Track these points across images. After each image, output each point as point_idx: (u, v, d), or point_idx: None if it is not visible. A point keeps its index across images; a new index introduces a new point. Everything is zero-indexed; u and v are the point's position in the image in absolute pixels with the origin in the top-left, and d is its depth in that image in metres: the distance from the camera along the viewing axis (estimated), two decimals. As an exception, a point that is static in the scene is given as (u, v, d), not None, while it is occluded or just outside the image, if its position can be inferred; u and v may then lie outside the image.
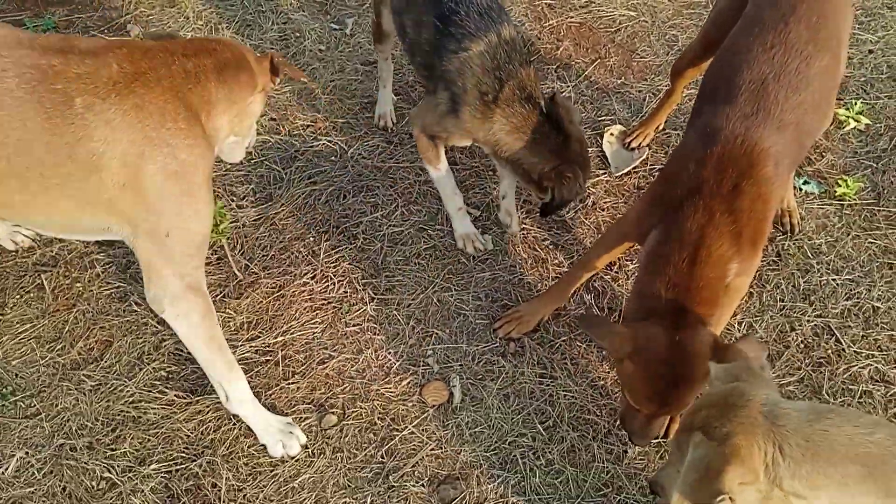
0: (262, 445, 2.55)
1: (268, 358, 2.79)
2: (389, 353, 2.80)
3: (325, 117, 3.57)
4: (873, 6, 4.19)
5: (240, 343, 2.81)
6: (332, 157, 3.43)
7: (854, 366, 2.73)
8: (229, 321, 2.88)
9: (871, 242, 3.11)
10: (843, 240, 3.11)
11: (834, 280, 2.97)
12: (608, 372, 2.75)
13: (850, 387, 2.68)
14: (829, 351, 2.78)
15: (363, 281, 3.00)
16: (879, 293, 2.93)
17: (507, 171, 2.82)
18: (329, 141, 3.49)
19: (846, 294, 2.94)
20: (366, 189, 3.31)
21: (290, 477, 2.53)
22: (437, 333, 2.86)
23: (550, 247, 3.12)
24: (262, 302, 2.93)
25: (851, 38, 3.97)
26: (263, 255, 3.07)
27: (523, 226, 3.16)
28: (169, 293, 2.25)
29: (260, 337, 2.85)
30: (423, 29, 2.72)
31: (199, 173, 2.22)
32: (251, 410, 2.50)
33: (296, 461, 2.55)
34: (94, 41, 2.28)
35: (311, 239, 3.12)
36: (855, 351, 2.78)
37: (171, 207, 2.20)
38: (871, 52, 3.96)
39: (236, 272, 3.00)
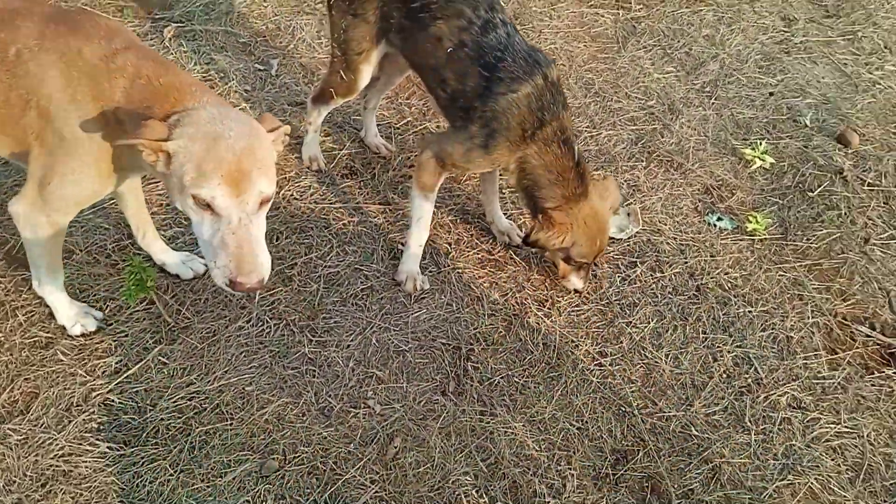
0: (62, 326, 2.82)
1: (204, 405, 2.72)
2: (330, 395, 2.78)
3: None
4: (771, 51, 4.48)
5: (174, 389, 2.73)
6: (264, 198, 3.39)
7: (772, 394, 2.88)
8: (162, 367, 2.80)
9: (782, 275, 3.29)
10: (756, 273, 3.29)
11: (750, 312, 3.13)
12: (545, 407, 2.80)
13: (771, 414, 2.82)
14: (749, 380, 2.93)
15: (300, 323, 2.97)
16: (791, 324, 3.11)
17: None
18: (259, 181, 3.45)
19: (762, 325, 3.09)
20: (299, 230, 3.29)
21: (233, 527, 2.47)
22: (377, 374, 2.85)
23: (485, 285, 3.17)
24: (196, 347, 2.86)
25: (753, 82, 4.24)
26: (196, 299, 3.00)
27: (459, 264, 3.21)
28: (31, 219, 2.46)
29: (195, 383, 2.77)
30: (468, 78, 2.78)
31: (89, 152, 2.28)
32: (57, 298, 2.77)
33: (238, 510, 2.49)
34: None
35: (246, 281, 3.07)
36: (773, 380, 2.92)
37: (59, 166, 2.31)
38: (771, 94, 4.22)
39: (167, 318, 2.92)
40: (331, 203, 3.42)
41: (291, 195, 3.42)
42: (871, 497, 2.61)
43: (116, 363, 2.80)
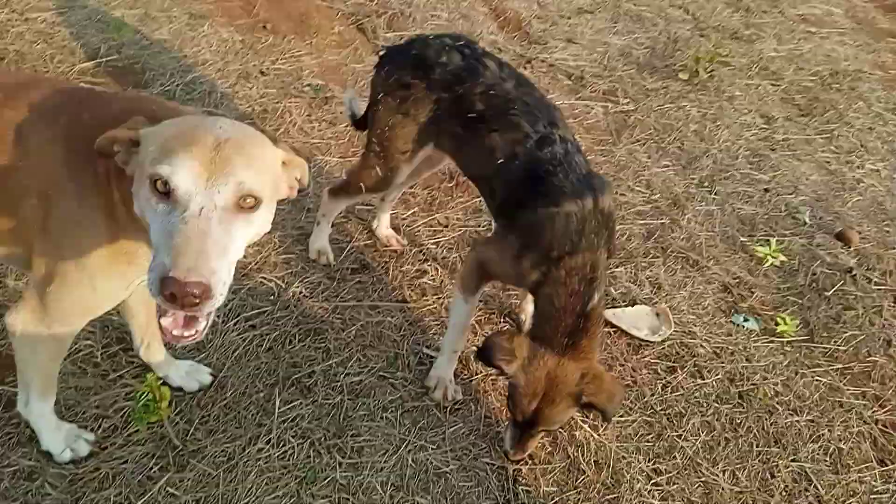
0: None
1: (224, 546, 2.24)
2: (369, 530, 2.34)
3: (255, 251, 3.12)
4: (757, 148, 4.40)
5: (189, 530, 2.24)
6: (270, 296, 2.98)
7: (838, 513, 2.61)
8: (172, 501, 2.30)
9: (818, 380, 3.08)
10: (794, 378, 3.07)
11: (797, 421, 2.89)
12: (608, 537, 2.44)
13: (840, 537, 2.55)
14: (811, 497, 2.65)
15: (326, 442, 2.54)
16: (839, 433, 2.88)
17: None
18: (264, 278, 3.04)
19: (811, 436, 2.85)
20: (314, 332, 2.88)
21: None
22: (419, 501, 2.43)
23: (522, 394, 2.81)
24: (210, 475, 2.39)
25: (747, 178, 4.12)
26: (205, 416, 2.54)
27: (492, 371, 2.85)
28: (29, 331, 1.99)
29: (212, 519, 2.29)
30: (516, 191, 2.47)
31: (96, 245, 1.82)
32: (45, 421, 2.28)
33: None
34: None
35: (260, 394, 2.63)
36: (832, 497, 2.66)
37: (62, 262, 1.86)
38: (766, 190, 4.11)
39: (174, 440, 2.43)
40: (344, 301, 3.03)
41: (301, 293, 3.01)
42: None
43: (116, 497, 2.29)
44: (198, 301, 1.46)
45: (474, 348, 2.90)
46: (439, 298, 3.10)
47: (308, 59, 4.29)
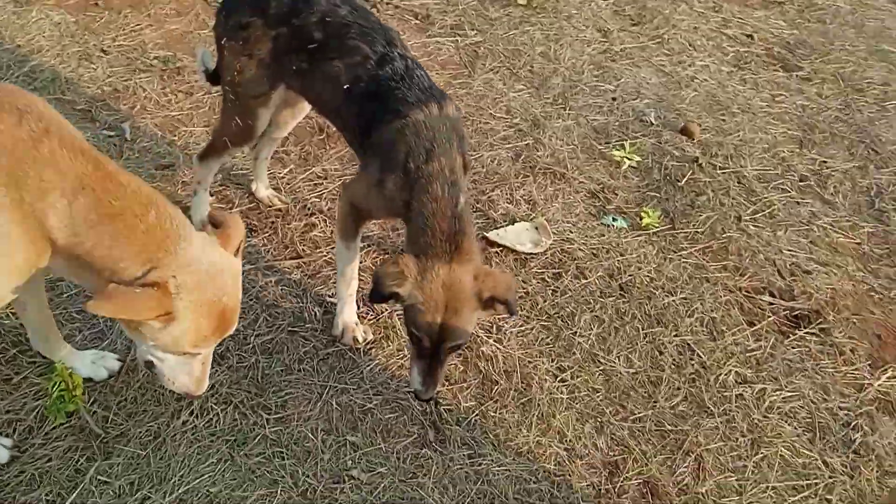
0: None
1: (168, 521, 2.22)
2: (307, 475, 2.38)
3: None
4: (600, 61, 4.60)
5: (129, 514, 2.20)
6: (163, 273, 2.87)
7: (720, 374, 2.88)
8: (105, 488, 2.24)
9: (684, 262, 3.34)
10: (664, 264, 3.31)
11: (673, 301, 3.13)
12: (528, 436, 2.59)
13: (725, 393, 2.82)
14: (696, 365, 2.91)
15: (250, 403, 2.54)
16: (710, 305, 3.15)
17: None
18: (153, 256, 2.93)
19: (687, 311, 3.10)
20: (215, 301, 2.81)
21: None
22: (350, 441, 2.49)
23: (428, 323, 2.89)
24: (138, 455, 2.34)
25: (595, 90, 4.32)
26: (122, 401, 2.47)
27: (397, 306, 2.90)
28: None
29: (150, 497, 2.26)
30: (364, 113, 2.45)
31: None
32: None
33: None
34: None
35: (174, 370, 2.56)
36: (714, 361, 2.93)
37: None
38: (614, 99, 4.32)
39: (95, 429, 2.36)
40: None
41: (193, 265, 2.92)
42: (833, 452, 2.68)
43: (48, 496, 2.21)
44: None
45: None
46: (331, 247, 3.10)
47: (150, 32, 4.06)
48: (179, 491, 2.28)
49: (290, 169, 3.48)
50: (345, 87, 2.48)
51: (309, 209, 3.28)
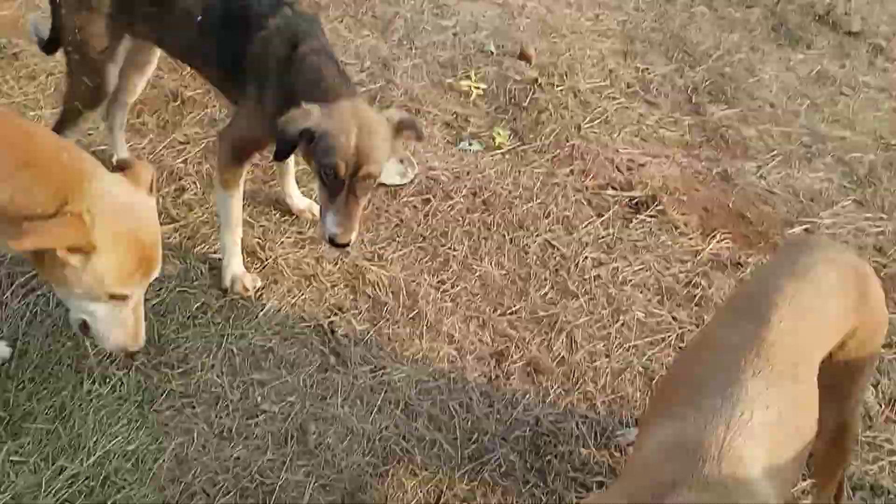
0: None
1: (91, 484, 2.24)
2: (221, 417, 2.45)
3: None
4: (443, 3, 4.70)
5: (48, 483, 2.20)
6: (37, 258, 2.80)
7: (577, 261, 3.15)
8: (20, 467, 2.24)
9: (535, 171, 3.57)
10: (519, 176, 3.53)
11: (530, 207, 3.37)
12: (420, 343, 2.76)
13: (584, 277, 3.10)
14: (557, 257, 3.17)
15: (151, 363, 2.56)
16: (563, 205, 3.40)
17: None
18: (23, 242, 2.84)
19: (544, 213, 3.35)
20: (97, 275, 2.78)
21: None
22: (257, 379, 2.57)
23: (312, 262, 2.99)
24: (48, 430, 2.33)
25: (437, 28, 4.45)
26: (20, 383, 2.43)
27: (278, 251, 2.98)
28: None
29: (68, 467, 2.26)
30: (225, 41, 2.44)
31: None
32: None
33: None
34: None
35: (67, 345, 2.56)
36: (572, 251, 3.20)
37: None
38: (455, 34, 4.46)
39: (-1, 413, 2.32)
40: (116, 239, 2.93)
41: (68, 245, 2.86)
42: (680, 308, 3.02)
43: (-41, 487, 2.17)
44: None
45: (256, 240, 2.99)
46: (206, 207, 3.11)
47: (-26, 20, 3.80)
48: (96, 455, 2.30)
49: (149, 139, 3.42)
50: (198, 18, 2.45)
51: (176, 174, 3.26)
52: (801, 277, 1.86)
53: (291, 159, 2.97)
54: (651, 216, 3.40)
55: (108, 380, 2.48)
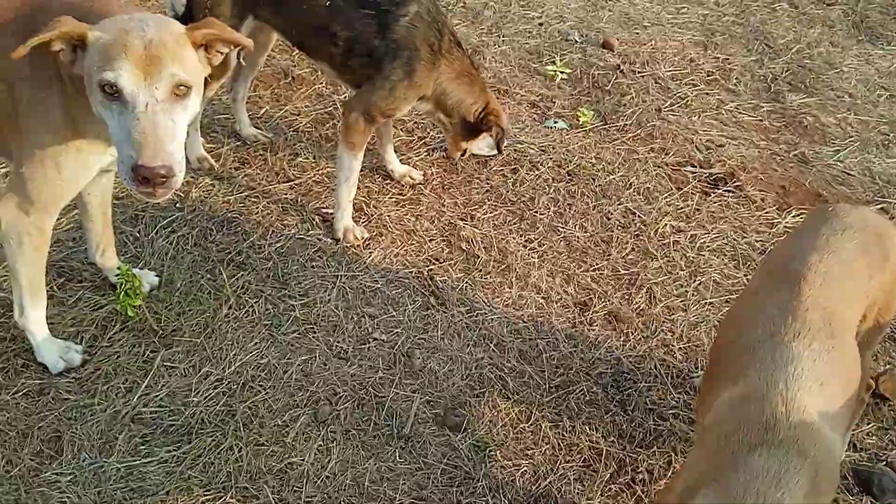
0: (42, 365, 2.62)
1: (232, 387, 2.71)
2: (338, 342, 2.89)
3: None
4: (523, -6, 5.12)
5: (196, 384, 2.68)
6: (176, 205, 3.32)
7: (658, 228, 3.50)
8: (172, 371, 2.71)
9: (618, 148, 3.94)
10: (602, 152, 3.90)
11: (613, 179, 3.74)
12: (510, 291, 3.16)
13: (663, 241, 3.45)
14: (638, 223, 3.53)
15: (277, 294, 3.02)
16: (644, 179, 3.76)
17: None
18: (163, 192, 3.36)
19: (626, 185, 3.71)
20: (227, 222, 3.29)
21: (321, 468, 2.53)
22: (368, 312, 3.01)
23: (412, 219, 3.42)
24: (195, 343, 2.81)
25: (523, 18, 4.87)
26: (169, 305, 2.92)
27: (382, 210, 3.42)
28: (15, 223, 2.25)
29: (213, 373, 2.73)
30: (355, 22, 2.88)
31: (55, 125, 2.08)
32: (40, 331, 2.57)
33: (318, 455, 2.54)
34: None
35: (206, 276, 3.04)
36: (652, 219, 3.55)
37: (29, 144, 2.12)
38: (541, 24, 4.88)
39: (154, 326, 2.82)
40: (241, 194, 3.43)
41: (199, 196, 3.37)
42: (752, 272, 3.33)
43: (125, 383, 2.67)
44: (165, 180, 1.87)
45: (362, 200, 3.45)
46: (317, 169, 3.59)
47: None
48: (236, 365, 2.76)
49: (265, 110, 3.93)
50: (327, 3, 2.89)
51: (289, 140, 3.75)
52: (824, 248, 2.15)
53: (391, 129, 3.43)
54: (729, 191, 3.73)
55: (242, 306, 2.95)
